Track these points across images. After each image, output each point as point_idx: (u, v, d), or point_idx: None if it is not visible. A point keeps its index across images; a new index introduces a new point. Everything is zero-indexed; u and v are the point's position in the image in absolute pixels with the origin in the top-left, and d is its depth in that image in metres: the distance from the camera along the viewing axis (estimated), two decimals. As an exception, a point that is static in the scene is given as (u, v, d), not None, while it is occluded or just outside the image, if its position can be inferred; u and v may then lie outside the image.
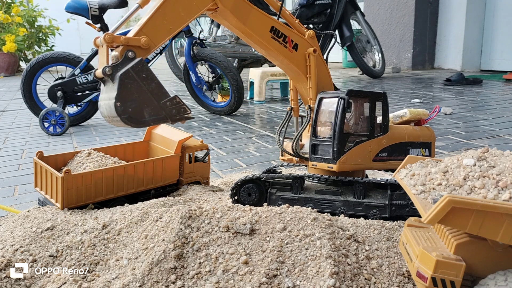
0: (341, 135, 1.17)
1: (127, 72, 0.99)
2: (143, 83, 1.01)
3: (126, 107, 1.00)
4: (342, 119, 1.16)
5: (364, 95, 1.21)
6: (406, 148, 1.26)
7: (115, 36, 1.00)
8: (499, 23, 5.50)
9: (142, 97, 1.01)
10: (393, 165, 1.26)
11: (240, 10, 1.15)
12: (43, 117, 2.85)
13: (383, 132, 1.22)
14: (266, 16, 1.19)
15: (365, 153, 1.20)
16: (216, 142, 2.51)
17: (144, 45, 1.02)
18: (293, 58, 1.23)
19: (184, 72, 3.43)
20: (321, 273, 0.85)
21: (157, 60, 3.35)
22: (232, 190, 1.29)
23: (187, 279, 0.91)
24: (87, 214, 1.26)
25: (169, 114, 1.06)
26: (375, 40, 5.25)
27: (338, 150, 1.17)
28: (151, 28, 1.04)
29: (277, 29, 1.20)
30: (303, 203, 1.21)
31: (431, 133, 1.33)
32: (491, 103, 3.43)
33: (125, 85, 0.99)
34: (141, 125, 1.04)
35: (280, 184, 1.26)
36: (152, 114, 1.04)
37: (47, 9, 8.44)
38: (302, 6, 4.53)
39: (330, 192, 1.22)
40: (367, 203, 1.16)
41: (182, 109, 1.07)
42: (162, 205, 1.33)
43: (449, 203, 0.64)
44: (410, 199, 1.13)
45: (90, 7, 2.93)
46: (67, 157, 1.54)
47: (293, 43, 1.22)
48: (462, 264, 0.71)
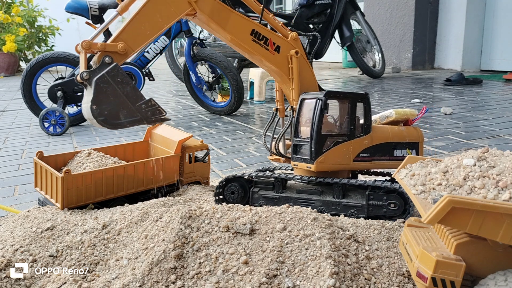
0: (318, 136, 1.18)
1: (103, 77, 1.05)
2: (118, 87, 1.07)
3: (102, 110, 1.06)
4: (320, 120, 1.17)
5: (344, 96, 1.22)
6: (391, 148, 1.26)
7: (92, 43, 1.06)
8: (499, 23, 5.50)
9: (117, 100, 1.07)
10: (377, 166, 1.27)
11: (219, 15, 1.17)
12: (43, 117, 2.85)
13: (365, 132, 1.23)
14: (246, 20, 1.20)
15: (345, 153, 1.21)
16: (216, 142, 2.51)
17: (121, 50, 1.07)
18: (275, 60, 1.25)
19: (184, 72, 3.43)
20: (321, 273, 0.85)
21: (157, 60, 3.35)
22: (216, 189, 1.32)
23: (187, 279, 0.91)
24: (87, 214, 1.26)
25: (144, 116, 1.11)
26: (375, 40, 5.25)
27: (316, 150, 1.18)
28: (129, 34, 1.09)
29: (258, 32, 1.21)
30: (284, 202, 1.24)
31: (419, 134, 1.32)
32: (491, 103, 3.43)
33: (100, 89, 1.05)
34: (117, 127, 1.09)
35: (263, 183, 1.28)
36: (127, 116, 1.10)
37: (47, 9, 8.45)
38: (302, 6, 4.53)
39: (310, 192, 1.24)
40: (345, 203, 1.19)
41: (158, 111, 1.12)
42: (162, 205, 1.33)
43: (449, 203, 0.64)
44: (387, 200, 1.15)
45: (90, 7, 2.93)
46: (67, 157, 1.54)
47: (275, 45, 1.23)
48: (462, 264, 0.71)
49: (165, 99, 4.50)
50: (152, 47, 3.20)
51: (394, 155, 1.27)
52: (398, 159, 1.27)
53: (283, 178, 1.26)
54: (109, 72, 1.05)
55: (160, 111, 1.12)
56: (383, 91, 4.31)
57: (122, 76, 1.07)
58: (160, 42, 3.21)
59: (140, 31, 1.10)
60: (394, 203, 1.14)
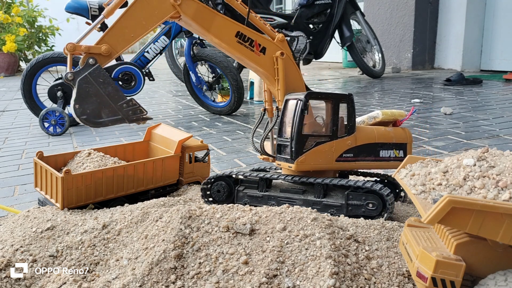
0: (298, 136, 1.19)
1: (85, 78, 1.12)
2: (100, 87, 1.13)
3: (84, 109, 1.13)
4: (300, 120, 1.19)
5: (326, 97, 1.23)
6: (376, 149, 1.27)
7: (77, 45, 1.13)
8: (499, 23, 5.50)
9: (99, 99, 1.14)
10: (361, 166, 1.27)
11: (203, 17, 1.19)
12: (43, 117, 2.85)
13: (349, 133, 1.23)
14: (231, 22, 1.22)
15: (326, 153, 1.22)
16: (216, 142, 2.51)
17: (104, 52, 1.13)
18: (260, 61, 1.26)
19: (184, 72, 3.43)
20: (321, 273, 0.85)
21: (157, 60, 3.35)
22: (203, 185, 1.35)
23: (187, 279, 0.91)
24: (87, 214, 1.26)
25: (125, 115, 1.17)
26: (375, 40, 5.24)
27: (296, 150, 1.19)
28: (112, 36, 1.15)
29: (243, 34, 1.23)
30: (267, 201, 1.26)
31: (407, 134, 1.31)
32: (491, 103, 3.43)
33: (83, 89, 1.12)
34: (98, 125, 1.16)
35: (248, 182, 1.31)
36: (109, 115, 1.16)
37: (47, 9, 8.44)
38: (302, 6, 4.53)
39: (293, 191, 1.26)
40: (325, 203, 1.20)
41: (138, 111, 1.18)
42: (162, 205, 1.33)
43: (449, 203, 0.64)
44: (366, 200, 1.16)
45: (90, 7, 2.93)
46: (67, 157, 1.54)
47: (260, 46, 1.25)
48: (462, 264, 0.71)
49: (165, 99, 4.50)
50: (152, 47, 3.20)
51: (380, 156, 1.27)
52: (384, 160, 1.28)
53: (267, 178, 1.28)
54: (91, 73, 1.12)
55: (141, 111, 1.17)
56: (383, 91, 4.32)
57: (104, 76, 1.13)
58: (160, 42, 3.21)
59: (124, 33, 1.15)
60: (373, 203, 1.15)
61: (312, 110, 1.33)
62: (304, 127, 1.24)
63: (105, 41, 1.14)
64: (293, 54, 1.31)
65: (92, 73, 1.12)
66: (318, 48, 4.65)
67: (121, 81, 3.10)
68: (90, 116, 1.14)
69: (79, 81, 1.12)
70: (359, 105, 3.56)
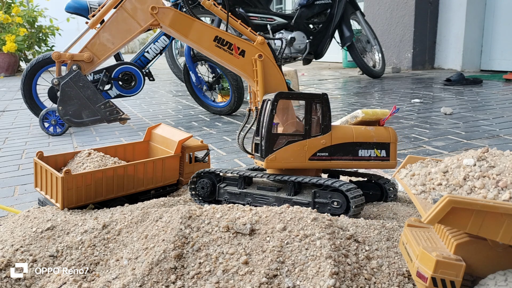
0: (268, 135, 1.22)
1: (67, 82, 1.26)
2: (80, 91, 1.26)
3: (67, 110, 1.27)
4: (270, 120, 1.22)
5: (297, 96, 1.26)
6: (355, 148, 1.27)
7: (62, 54, 1.26)
8: (499, 23, 5.50)
9: (80, 102, 1.27)
10: (338, 165, 1.27)
11: (180, 24, 1.26)
12: (43, 117, 2.85)
13: (323, 132, 1.24)
14: (208, 27, 1.27)
15: (298, 152, 1.23)
16: (216, 142, 2.51)
17: (86, 59, 1.26)
18: (239, 64, 1.30)
19: (184, 72, 3.43)
20: (321, 273, 0.85)
21: (157, 60, 3.35)
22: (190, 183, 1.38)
23: (187, 279, 0.91)
24: (87, 214, 1.26)
25: (103, 116, 1.29)
26: (375, 40, 5.25)
27: (266, 148, 1.23)
28: (95, 45, 1.26)
29: (222, 38, 1.28)
30: (244, 198, 1.30)
31: (390, 134, 1.29)
32: (491, 103, 3.43)
33: (65, 92, 1.26)
34: (80, 125, 1.30)
35: (230, 179, 1.35)
36: (89, 115, 1.29)
37: (47, 9, 8.45)
38: (302, 6, 4.53)
39: (268, 189, 1.29)
40: (294, 200, 1.22)
41: (115, 111, 1.30)
42: (162, 205, 1.33)
43: (449, 203, 0.64)
44: (331, 198, 1.18)
45: (90, 7, 2.93)
46: (67, 157, 1.54)
47: (239, 49, 1.29)
48: (462, 264, 0.71)
49: (165, 99, 4.50)
50: (152, 47, 3.20)
51: (359, 155, 1.27)
52: (364, 159, 1.27)
53: (245, 176, 1.31)
54: (72, 78, 1.25)
55: (117, 111, 1.29)
56: (383, 91, 4.32)
57: (84, 81, 1.26)
58: (160, 42, 3.21)
59: (106, 41, 1.26)
60: (337, 201, 1.17)
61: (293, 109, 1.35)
62: (277, 126, 1.27)
63: (88, 49, 1.26)
64: (275, 56, 1.34)
65: (73, 78, 1.25)
66: (318, 48, 4.65)
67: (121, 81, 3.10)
68: (72, 117, 1.28)
69: (62, 85, 1.26)
70: (359, 105, 3.56)
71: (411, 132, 2.55)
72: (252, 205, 1.27)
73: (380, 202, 1.36)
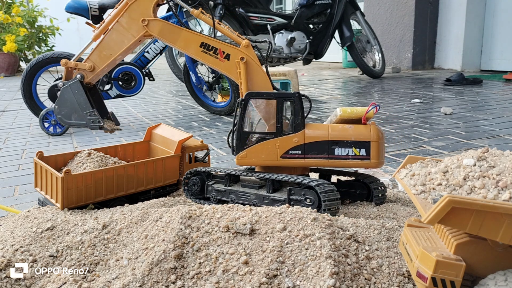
0: (239, 133, 1.28)
1: (67, 87, 1.45)
2: (75, 96, 1.44)
3: (61, 110, 1.47)
4: (241, 118, 1.28)
5: (268, 96, 1.29)
6: (330, 147, 1.26)
7: (68, 62, 1.46)
8: (499, 23, 5.50)
9: (72, 106, 1.45)
10: (312, 164, 1.28)
11: (168, 33, 1.38)
12: (43, 117, 2.85)
13: (295, 130, 1.26)
14: (195, 35, 1.38)
15: (270, 150, 1.27)
16: (216, 142, 2.51)
17: (88, 69, 1.44)
18: (225, 67, 1.37)
19: (184, 72, 3.43)
20: (321, 273, 0.85)
21: (157, 60, 3.35)
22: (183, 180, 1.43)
23: (187, 279, 0.91)
24: (87, 214, 1.26)
25: (87, 122, 1.46)
26: (375, 40, 5.24)
27: (237, 146, 1.28)
28: (95, 56, 1.44)
29: (207, 44, 1.37)
30: (228, 195, 1.35)
31: (371, 132, 1.26)
32: (491, 103, 3.43)
33: (63, 95, 1.46)
34: (68, 125, 1.49)
35: (218, 177, 1.41)
36: (77, 119, 1.46)
37: (47, 9, 8.44)
38: (302, 6, 4.53)
39: (250, 186, 1.32)
40: (272, 197, 1.26)
41: (97, 121, 1.45)
42: (162, 205, 1.33)
43: (449, 203, 0.64)
44: (305, 195, 1.20)
45: (90, 7, 2.93)
46: (67, 157, 1.54)
47: (224, 53, 1.36)
48: (462, 264, 0.71)
49: (165, 99, 4.50)
50: (152, 47, 3.20)
51: (334, 154, 1.27)
52: (341, 158, 1.26)
53: (230, 174, 1.35)
54: (71, 84, 1.44)
55: (99, 121, 1.45)
56: (383, 91, 4.32)
57: (79, 89, 1.44)
58: (160, 42, 3.21)
59: (104, 53, 1.43)
60: (310, 198, 1.19)
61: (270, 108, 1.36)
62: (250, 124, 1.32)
63: (90, 59, 1.44)
64: (263, 58, 1.40)
65: (72, 84, 1.44)
66: (318, 48, 4.64)
67: (121, 81, 3.10)
68: (63, 116, 1.47)
69: (62, 89, 1.46)
70: (359, 105, 3.56)
71: (411, 132, 2.55)
72: (236, 202, 1.31)
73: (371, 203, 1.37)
